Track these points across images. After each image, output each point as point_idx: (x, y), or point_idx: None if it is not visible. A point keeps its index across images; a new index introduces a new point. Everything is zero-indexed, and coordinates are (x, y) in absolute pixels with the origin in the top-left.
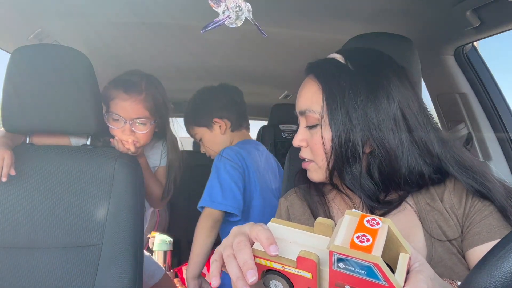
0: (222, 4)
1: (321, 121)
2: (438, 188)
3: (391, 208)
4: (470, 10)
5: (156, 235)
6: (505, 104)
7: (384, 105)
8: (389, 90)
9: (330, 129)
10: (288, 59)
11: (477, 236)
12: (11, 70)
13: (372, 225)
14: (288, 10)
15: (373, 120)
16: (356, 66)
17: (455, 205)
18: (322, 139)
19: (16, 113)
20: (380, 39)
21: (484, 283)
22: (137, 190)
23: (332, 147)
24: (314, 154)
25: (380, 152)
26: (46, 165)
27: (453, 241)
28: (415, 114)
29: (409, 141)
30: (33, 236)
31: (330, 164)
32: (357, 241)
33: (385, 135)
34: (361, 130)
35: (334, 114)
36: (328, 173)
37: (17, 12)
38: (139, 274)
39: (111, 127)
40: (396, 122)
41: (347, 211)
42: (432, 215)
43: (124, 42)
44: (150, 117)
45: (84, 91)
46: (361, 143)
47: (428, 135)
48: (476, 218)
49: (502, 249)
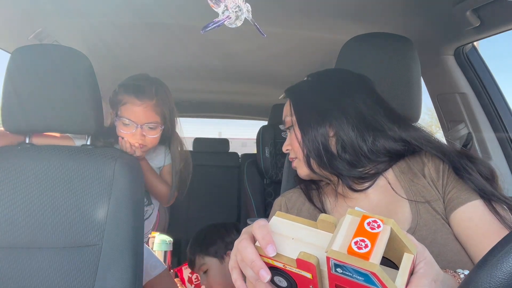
0: (222, 4)
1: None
2: (418, 165)
3: (369, 179)
4: (470, 10)
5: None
6: (505, 104)
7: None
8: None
9: (298, 126)
10: (288, 59)
11: (456, 199)
12: (11, 70)
13: (372, 228)
14: (288, 10)
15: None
16: (315, 79)
17: (435, 178)
18: (295, 136)
19: (16, 113)
20: (380, 39)
21: (484, 283)
22: (137, 190)
23: (302, 139)
24: (295, 151)
25: (339, 135)
26: (46, 165)
27: (434, 204)
28: (370, 107)
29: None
30: (33, 236)
31: (304, 152)
32: (355, 247)
33: (340, 122)
34: (322, 120)
35: (297, 114)
36: (307, 162)
37: (17, 12)
38: (139, 274)
39: (122, 131)
40: (348, 112)
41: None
42: (416, 189)
43: (124, 42)
44: (161, 121)
45: (84, 91)
46: (325, 130)
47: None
48: (452, 183)
49: (502, 249)
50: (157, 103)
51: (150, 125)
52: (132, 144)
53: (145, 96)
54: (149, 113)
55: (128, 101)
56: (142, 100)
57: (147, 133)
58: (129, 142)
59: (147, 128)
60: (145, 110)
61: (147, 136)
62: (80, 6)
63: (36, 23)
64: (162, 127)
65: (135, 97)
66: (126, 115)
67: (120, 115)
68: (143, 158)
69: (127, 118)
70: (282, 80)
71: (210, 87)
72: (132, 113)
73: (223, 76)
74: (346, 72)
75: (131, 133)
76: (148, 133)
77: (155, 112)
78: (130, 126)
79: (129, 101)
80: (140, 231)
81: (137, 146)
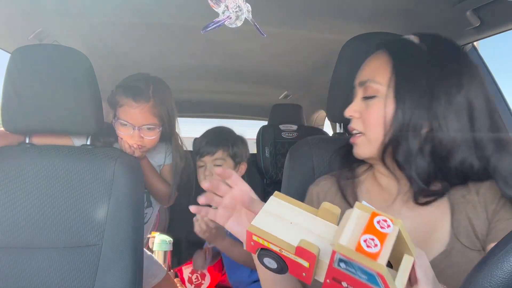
0: (222, 4)
1: (384, 93)
2: (476, 182)
3: (435, 198)
4: (470, 10)
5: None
6: (505, 104)
7: (453, 93)
8: (460, 80)
9: (394, 103)
10: (288, 59)
11: (501, 233)
12: (11, 70)
13: (382, 227)
14: (288, 10)
15: (440, 103)
16: (432, 49)
17: (488, 200)
18: (383, 111)
19: (16, 113)
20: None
21: (484, 283)
22: (137, 190)
23: (393, 120)
24: (366, 126)
25: (439, 135)
26: (46, 165)
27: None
28: (481, 111)
29: (469, 133)
30: (33, 236)
31: (386, 138)
32: (364, 244)
33: (448, 120)
34: (426, 110)
35: (401, 88)
36: (382, 146)
37: (17, 12)
38: (139, 274)
39: (120, 133)
40: (461, 111)
41: (357, 203)
42: (464, 207)
43: (124, 42)
44: (158, 123)
45: (84, 91)
46: (422, 122)
47: (488, 135)
48: (506, 216)
49: (502, 249)
50: (154, 104)
51: (147, 127)
52: (131, 145)
53: (141, 98)
54: (146, 115)
55: (125, 103)
56: (138, 102)
57: (145, 134)
58: (128, 143)
59: (145, 130)
60: (142, 112)
61: (145, 137)
62: (80, 6)
63: (36, 23)
64: (160, 128)
65: (131, 99)
66: (123, 117)
67: (118, 117)
68: (143, 157)
69: (124, 120)
70: (282, 80)
71: (210, 87)
72: (129, 115)
73: (223, 76)
74: (464, 53)
75: (129, 135)
76: (146, 134)
77: (152, 113)
78: (128, 127)
79: (126, 103)
80: (140, 231)
81: (135, 147)
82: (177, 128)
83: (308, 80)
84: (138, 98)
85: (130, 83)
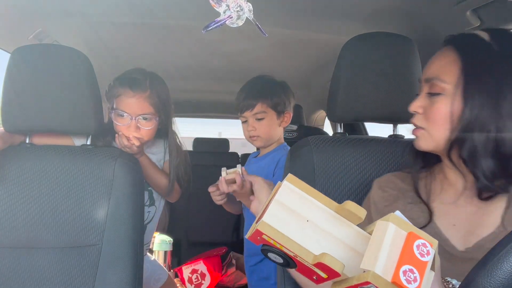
0: (223, 4)
1: (451, 91)
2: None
3: (500, 192)
4: (470, 10)
5: (156, 235)
6: None
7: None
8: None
9: (462, 102)
10: (288, 59)
11: None
12: (11, 70)
13: (422, 254)
14: (288, 10)
15: (508, 102)
16: (502, 47)
17: None
18: (449, 109)
19: (16, 113)
20: (380, 38)
21: (484, 283)
22: (137, 190)
23: (459, 119)
24: (429, 122)
25: (505, 134)
26: (46, 165)
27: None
28: None
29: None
30: (33, 236)
31: (452, 135)
32: (403, 278)
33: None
34: (493, 109)
35: (470, 89)
36: (447, 143)
37: (17, 12)
38: (139, 274)
39: (117, 123)
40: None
41: (391, 215)
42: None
43: (124, 42)
44: (155, 113)
45: (84, 91)
46: (489, 121)
47: None
48: None
49: (502, 249)
50: (150, 94)
51: (144, 116)
52: (128, 137)
53: (138, 87)
54: (143, 104)
55: (122, 93)
56: (135, 91)
57: (142, 125)
58: (125, 135)
59: (142, 120)
60: (139, 101)
61: (142, 128)
62: (80, 6)
63: (36, 23)
64: (157, 119)
65: (128, 88)
66: (120, 107)
67: (115, 107)
68: (143, 154)
69: (121, 110)
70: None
71: (210, 87)
72: (126, 104)
73: (223, 76)
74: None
75: (126, 126)
76: (143, 124)
77: (149, 103)
78: (125, 118)
79: (123, 92)
80: (141, 231)
81: (133, 138)
82: (175, 128)
83: (308, 80)
84: (135, 87)
85: (126, 75)
